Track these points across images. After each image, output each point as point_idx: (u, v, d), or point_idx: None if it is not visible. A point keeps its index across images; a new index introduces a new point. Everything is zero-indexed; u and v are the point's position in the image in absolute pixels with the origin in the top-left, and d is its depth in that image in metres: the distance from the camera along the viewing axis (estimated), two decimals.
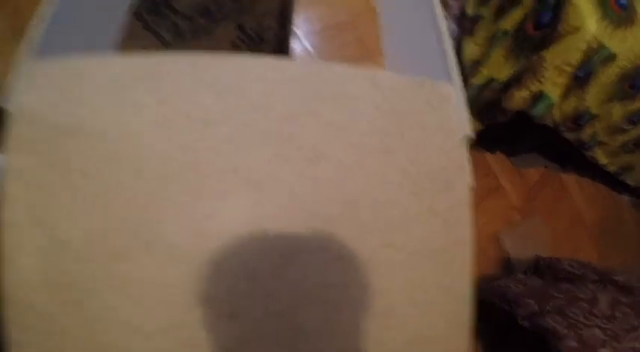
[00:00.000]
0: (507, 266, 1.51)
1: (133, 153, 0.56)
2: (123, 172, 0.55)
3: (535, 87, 1.32)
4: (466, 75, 1.58)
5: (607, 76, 1.30)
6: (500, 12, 1.58)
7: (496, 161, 1.75)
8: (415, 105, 0.66)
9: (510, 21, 1.49)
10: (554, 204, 1.84)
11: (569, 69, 1.27)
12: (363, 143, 0.61)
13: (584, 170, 1.88)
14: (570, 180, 1.95)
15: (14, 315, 0.51)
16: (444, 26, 0.80)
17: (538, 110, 1.36)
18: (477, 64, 1.56)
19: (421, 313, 0.60)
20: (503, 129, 1.50)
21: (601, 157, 1.69)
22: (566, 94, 1.35)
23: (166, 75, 0.60)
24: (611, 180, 1.90)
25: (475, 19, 1.72)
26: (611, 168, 1.75)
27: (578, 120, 1.45)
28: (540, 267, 1.34)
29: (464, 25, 1.79)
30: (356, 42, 1.63)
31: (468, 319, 0.63)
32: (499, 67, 1.46)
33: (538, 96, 1.34)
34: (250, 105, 0.59)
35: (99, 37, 0.76)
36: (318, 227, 0.58)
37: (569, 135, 1.53)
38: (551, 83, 1.31)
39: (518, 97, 1.36)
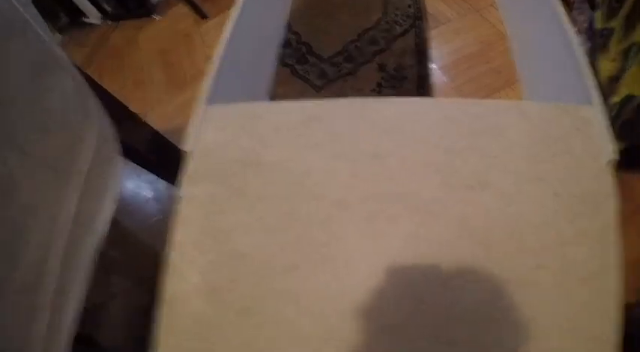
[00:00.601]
0: None
1: (310, 181, 0.65)
2: (299, 197, 0.64)
3: None
4: (604, 93, 1.51)
5: None
6: (631, 24, 1.51)
7: (637, 181, 1.68)
8: (561, 131, 0.70)
9: None
10: None
11: None
12: (519, 171, 0.66)
13: None
14: None
15: (168, 318, 0.58)
16: (579, 46, 0.82)
17: None
18: (614, 80, 1.51)
19: (570, 337, 0.60)
20: None
21: None
22: None
23: (336, 116, 0.70)
24: None
25: (606, 34, 1.65)
26: None
27: None
28: None
29: (595, 41, 1.72)
30: (492, 71, 1.68)
31: (616, 345, 0.62)
32: (638, 83, 1.40)
33: None
34: (413, 141, 0.68)
35: (256, 85, 0.89)
36: (477, 249, 0.62)
37: None
38: None
39: None
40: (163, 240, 0.62)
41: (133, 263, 1.41)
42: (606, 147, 0.69)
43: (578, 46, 0.81)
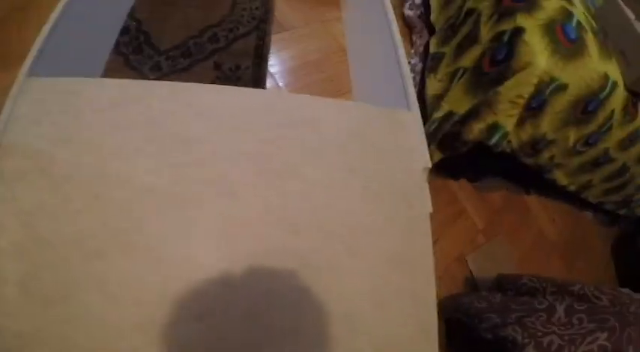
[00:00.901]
0: (472, 285, 1.56)
1: (119, 164, 0.62)
2: (107, 180, 0.61)
3: (490, 118, 1.38)
4: (429, 110, 1.64)
5: (560, 104, 1.35)
6: (460, 50, 1.63)
7: (460, 188, 1.81)
8: (377, 130, 0.74)
9: (469, 58, 1.54)
10: (517, 226, 1.89)
11: (521, 101, 1.32)
12: (331, 162, 0.68)
13: (546, 191, 1.94)
14: (533, 201, 2.01)
15: None
16: (405, 63, 0.88)
17: (494, 140, 1.41)
18: (439, 98, 1.61)
19: (389, 317, 0.62)
20: (466, 158, 1.54)
21: (561, 178, 1.74)
22: (521, 123, 1.40)
23: (155, 98, 0.68)
24: (573, 199, 1.96)
25: (437, 57, 1.77)
26: (572, 188, 1.81)
27: (535, 145, 1.49)
28: (502, 284, 1.39)
29: (427, 63, 1.84)
30: (327, 80, 1.72)
31: (435, 325, 0.64)
32: (459, 102, 1.50)
33: (493, 127, 1.39)
34: (230, 128, 0.67)
35: (85, 66, 0.82)
36: (287, 235, 0.63)
37: (528, 160, 1.57)
38: (506, 115, 1.36)
39: (476, 129, 1.41)
40: None
41: None
42: (423, 155, 0.73)
43: (404, 61, 0.88)
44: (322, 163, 0.68)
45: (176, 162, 0.63)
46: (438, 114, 1.54)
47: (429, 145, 1.52)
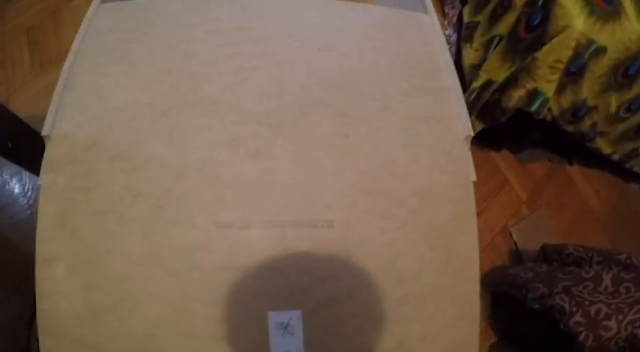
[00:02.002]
0: (517, 257, 1.56)
1: (185, 47, 0.76)
2: (175, 57, 0.75)
3: (530, 85, 1.37)
4: (467, 79, 1.63)
5: (600, 68, 1.32)
6: (494, 17, 1.61)
7: (502, 159, 1.81)
8: (397, 24, 0.89)
9: (504, 25, 1.52)
10: (560, 197, 1.87)
11: (560, 66, 1.30)
12: (359, 41, 0.83)
13: (590, 161, 1.90)
14: (576, 172, 1.98)
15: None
16: None
17: (535, 106, 1.39)
18: (476, 68, 1.60)
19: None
20: (507, 128, 1.55)
21: (604, 147, 1.70)
22: (561, 89, 1.38)
23: (213, 4, 0.84)
24: (618, 170, 1.92)
25: (472, 27, 1.76)
26: (616, 157, 1.76)
27: (577, 112, 1.47)
28: (548, 254, 1.39)
29: (462, 33, 1.83)
30: None
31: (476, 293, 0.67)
32: (496, 70, 1.49)
33: (533, 94, 1.38)
34: (275, 19, 0.84)
35: None
36: (327, 89, 0.75)
37: (570, 128, 1.56)
38: (545, 81, 1.34)
39: (516, 96, 1.40)
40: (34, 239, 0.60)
41: (3, 269, 1.29)
42: (464, 125, 0.78)
43: None
44: (351, 42, 0.83)
45: (232, 42, 0.78)
46: (477, 84, 1.53)
47: (469, 116, 1.53)
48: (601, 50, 1.27)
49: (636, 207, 2.05)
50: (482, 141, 1.72)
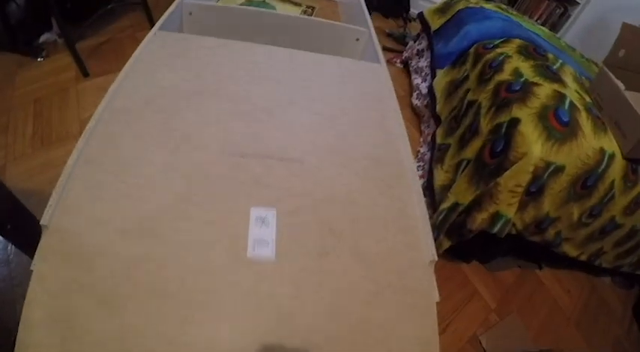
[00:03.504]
0: None
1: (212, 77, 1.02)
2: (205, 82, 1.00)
3: (492, 208, 1.43)
4: (437, 200, 1.69)
5: (559, 184, 1.39)
6: (463, 141, 1.69)
7: (472, 270, 1.85)
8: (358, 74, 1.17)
9: (471, 150, 1.60)
10: (530, 301, 1.90)
11: (520, 189, 1.37)
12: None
13: (559, 263, 1.93)
14: (546, 275, 2.02)
15: None
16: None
17: (497, 228, 1.45)
18: (446, 189, 1.66)
19: None
20: (475, 241, 1.58)
21: (570, 251, 1.75)
22: (522, 207, 1.44)
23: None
24: (587, 267, 1.95)
25: (443, 148, 1.83)
26: (583, 258, 1.80)
27: (540, 225, 1.52)
28: None
29: (434, 154, 1.90)
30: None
31: None
32: (463, 193, 1.55)
33: (495, 217, 1.44)
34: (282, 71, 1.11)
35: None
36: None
37: (535, 238, 1.61)
38: (506, 204, 1.41)
39: (479, 219, 1.46)
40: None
41: None
42: (429, 250, 0.77)
43: None
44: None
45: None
46: (445, 205, 1.59)
47: (438, 235, 1.60)
48: (559, 169, 1.35)
49: (607, 298, 2.08)
50: (451, 254, 1.76)
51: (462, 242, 1.62)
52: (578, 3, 3.21)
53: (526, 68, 1.65)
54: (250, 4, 1.73)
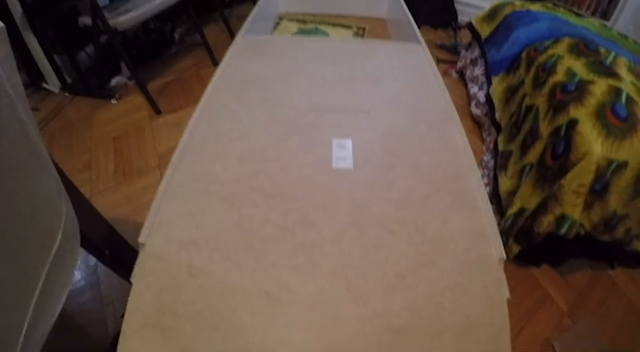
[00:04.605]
0: None
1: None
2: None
3: (558, 211, 1.44)
4: (504, 206, 1.71)
5: (624, 180, 1.38)
6: (525, 147, 1.71)
7: (543, 274, 1.84)
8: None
9: (533, 154, 1.62)
10: (604, 303, 1.84)
11: (584, 190, 1.39)
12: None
13: (632, 262, 1.88)
14: (619, 275, 1.94)
15: None
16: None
17: (563, 230, 1.46)
18: (512, 195, 1.68)
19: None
20: (545, 244, 1.58)
21: None
22: (588, 207, 1.44)
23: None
24: None
25: (506, 155, 1.86)
26: None
27: (609, 223, 1.50)
28: None
29: (498, 161, 1.92)
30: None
31: None
32: (528, 198, 1.56)
33: (561, 219, 1.45)
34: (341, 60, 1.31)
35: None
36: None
37: (605, 238, 1.59)
38: (571, 205, 1.42)
39: (546, 222, 1.47)
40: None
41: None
42: (498, 249, 0.80)
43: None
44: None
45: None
46: (512, 211, 1.61)
47: (507, 240, 1.65)
48: (622, 165, 1.34)
49: None
50: (522, 258, 1.76)
51: (532, 246, 1.62)
52: None
53: (579, 67, 1.66)
54: (304, 33, 1.85)
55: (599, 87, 1.49)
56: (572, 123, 1.42)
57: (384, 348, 0.66)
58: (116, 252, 1.13)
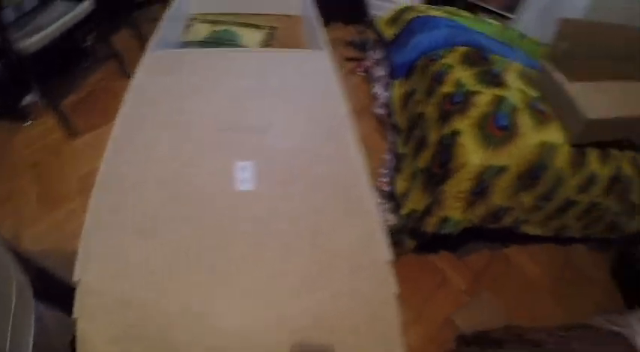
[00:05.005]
0: (464, 342, 1.69)
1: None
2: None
3: (441, 213, 1.59)
4: (399, 205, 1.83)
5: (505, 181, 1.52)
6: (417, 152, 1.84)
7: (441, 259, 1.98)
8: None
9: (423, 160, 1.75)
10: (501, 278, 1.99)
11: (463, 195, 1.53)
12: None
13: (527, 239, 2.00)
14: (515, 252, 2.10)
15: None
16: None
17: (447, 229, 1.61)
18: (405, 196, 1.81)
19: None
20: (439, 235, 1.68)
21: (533, 230, 1.84)
22: (471, 206, 1.58)
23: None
24: (558, 239, 2.00)
25: (402, 158, 1.97)
26: (549, 234, 1.89)
27: (495, 215, 1.65)
28: (467, 339, 1.61)
29: (395, 163, 2.03)
30: None
31: None
32: (418, 201, 1.70)
33: (444, 220, 1.60)
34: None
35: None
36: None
37: (494, 226, 1.73)
38: (452, 208, 1.57)
39: (431, 223, 1.62)
40: None
41: None
42: (387, 252, 0.94)
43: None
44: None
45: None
46: (404, 212, 1.75)
47: (403, 237, 1.79)
48: (502, 169, 1.48)
49: (582, 265, 2.14)
50: (420, 248, 1.86)
51: (425, 241, 1.77)
52: None
53: (467, 77, 1.78)
54: (216, 34, 1.85)
55: (484, 97, 1.62)
56: (455, 134, 1.56)
57: (291, 347, 0.79)
58: (49, 288, 1.16)
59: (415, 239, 1.79)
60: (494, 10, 3.31)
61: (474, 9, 3.65)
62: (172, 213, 0.96)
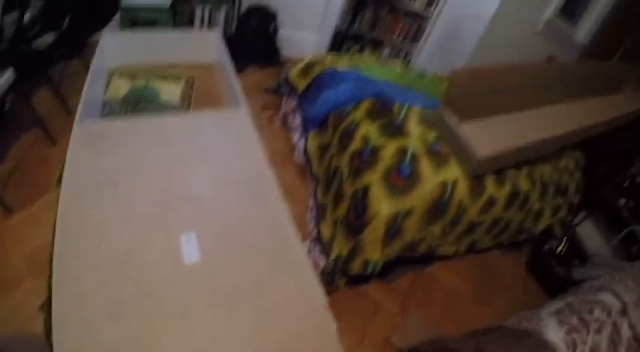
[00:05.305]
0: None
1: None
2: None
3: (363, 256, 1.78)
4: (327, 250, 1.98)
5: (414, 221, 1.73)
6: (335, 202, 2.01)
7: (372, 288, 2.16)
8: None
9: (342, 211, 1.92)
10: (427, 295, 2.17)
11: (379, 240, 1.73)
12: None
13: (447, 256, 2.19)
14: (438, 269, 2.30)
15: None
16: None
17: (369, 270, 1.79)
18: (330, 243, 1.97)
19: None
20: None
21: (447, 251, 2.05)
22: (388, 246, 1.77)
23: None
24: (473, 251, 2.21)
25: (323, 207, 2.13)
26: (461, 251, 2.09)
27: (410, 247, 1.85)
28: None
29: (318, 211, 2.17)
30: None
31: None
32: (342, 247, 1.86)
33: (366, 263, 1.79)
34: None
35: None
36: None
37: (413, 255, 1.93)
38: (371, 252, 1.76)
39: (355, 266, 1.81)
40: None
41: None
42: (320, 296, 1.10)
43: None
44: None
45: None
46: (332, 257, 1.90)
47: (334, 277, 1.94)
48: (409, 212, 1.68)
49: (499, 268, 2.34)
50: (351, 282, 2.03)
51: (352, 278, 1.93)
52: (429, 17, 3.74)
53: (373, 132, 1.95)
54: (136, 91, 1.80)
55: (389, 150, 1.79)
56: (366, 188, 1.75)
57: None
58: None
59: (345, 276, 1.94)
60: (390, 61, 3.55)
61: (379, 46, 4.08)
62: (128, 295, 1.00)
